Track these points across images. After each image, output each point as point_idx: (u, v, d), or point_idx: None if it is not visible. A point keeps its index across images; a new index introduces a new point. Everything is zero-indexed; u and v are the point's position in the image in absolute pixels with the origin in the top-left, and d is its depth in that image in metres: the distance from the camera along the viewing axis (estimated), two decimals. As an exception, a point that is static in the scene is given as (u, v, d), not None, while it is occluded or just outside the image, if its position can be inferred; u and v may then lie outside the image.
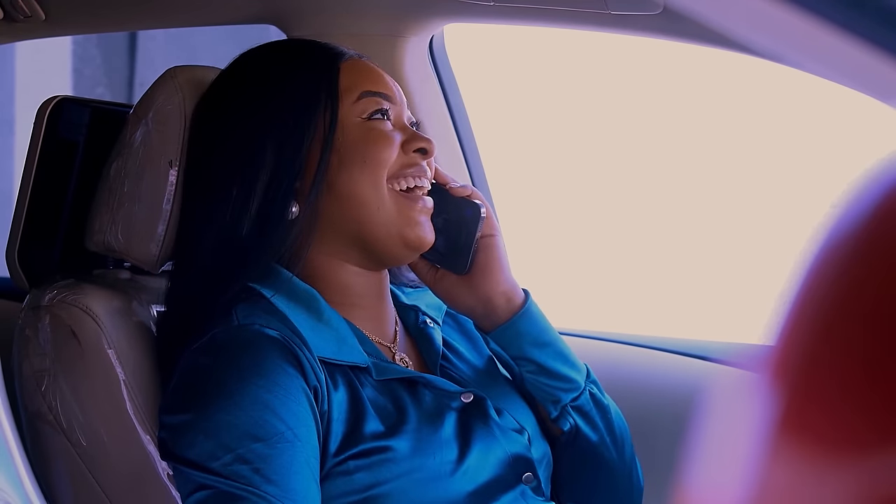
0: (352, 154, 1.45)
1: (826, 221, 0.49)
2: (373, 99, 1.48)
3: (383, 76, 1.53)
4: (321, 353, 1.40)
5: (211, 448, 1.32)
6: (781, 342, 0.48)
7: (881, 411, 0.45)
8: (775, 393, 0.48)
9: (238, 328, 1.38)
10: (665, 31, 1.69)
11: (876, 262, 0.46)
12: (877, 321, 0.46)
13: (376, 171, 1.45)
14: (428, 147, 1.49)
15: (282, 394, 1.34)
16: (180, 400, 1.38)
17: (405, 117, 1.52)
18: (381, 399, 1.42)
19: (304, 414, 1.35)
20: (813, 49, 0.68)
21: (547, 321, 1.55)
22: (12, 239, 1.68)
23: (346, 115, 1.47)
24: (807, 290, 0.48)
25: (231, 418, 1.33)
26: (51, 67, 4.43)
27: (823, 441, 0.46)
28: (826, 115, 3.38)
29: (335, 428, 1.37)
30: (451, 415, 1.45)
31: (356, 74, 1.50)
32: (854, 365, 0.46)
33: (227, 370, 1.35)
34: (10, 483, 1.33)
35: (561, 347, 1.54)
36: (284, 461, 1.32)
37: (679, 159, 3.88)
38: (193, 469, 1.33)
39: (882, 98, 0.67)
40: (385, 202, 1.45)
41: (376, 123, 1.48)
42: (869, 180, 0.48)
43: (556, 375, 1.52)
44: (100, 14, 2.06)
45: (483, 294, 1.51)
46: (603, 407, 1.55)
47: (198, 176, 1.50)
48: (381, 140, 1.46)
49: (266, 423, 1.32)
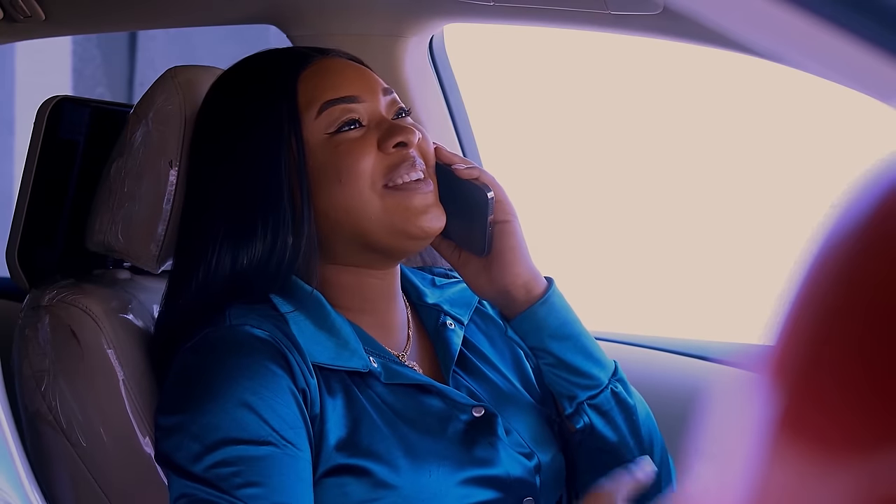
0: (326, 174, 1.41)
1: (826, 221, 0.49)
2: (335, 108, 1.42)
3: (346, 74, 1.45)
4: (316, 358, 1.38)
5: (195, 450, 1.32)
6: (781, 342, 0.48)
7: (881, 411, 0.45)
8: (775, 393, 0.48)
9: (229, 328, 1.37)
10: (665, 31, 1.69)
11: (876, 262, 0.46)
12: (877, 321, 0.46)
13: (356, 184, 1.40)
14: (406, 139, 1.42)
15: (268, 396, 1.32)
16: (170, 401, 1.38)
17: (382, 107, 1.45)
18: (385, 406, 1.40)
19: (293, 417, 1.33)
20: (813, 49, 0.68)
21: (571, 313, 1.49)
22: (12, 239, 1.68)
23: (311, 134, 1.42)
24: (807, 290, 0.48)
25: (216, 420, 1.32)
26: (51, 67, 4.43)
27: (823, 441, 0.46)
28: (826, 115, 3.38)
29: (330, 434, 1.35)
30: (458, 428, 1.42)
31: (314, 85, 1.44)
32: (854, 365, 0.46)
33: (215, 371, 1.34)
34: (10, 483, 1.33)
35: (585, 342, 1.48)
36: (268, 463, 1.30)
37: (679, 159, 3.87)
38: (177, 474, 1.33)
39: (882, 98, 0.67)
40: (374, 208, 1.40)
41: (344, 136, 1.42)
42: (869, 180, 0.48)
43: (575, 371, 1.47)
44: (100, 14, 2.06)
45: (500, 284, 1.46)
46: (627, 407, 1.49)
47: (194, 207, 1.48)
48: (352, 153, 1.41)
49: (250, 425, 1.31)
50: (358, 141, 1.42)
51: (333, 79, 1.45)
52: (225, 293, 1.41)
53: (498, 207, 1.45)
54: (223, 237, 1.42)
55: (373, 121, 1.44)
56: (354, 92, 1.44)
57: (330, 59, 1.47)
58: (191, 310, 1.43)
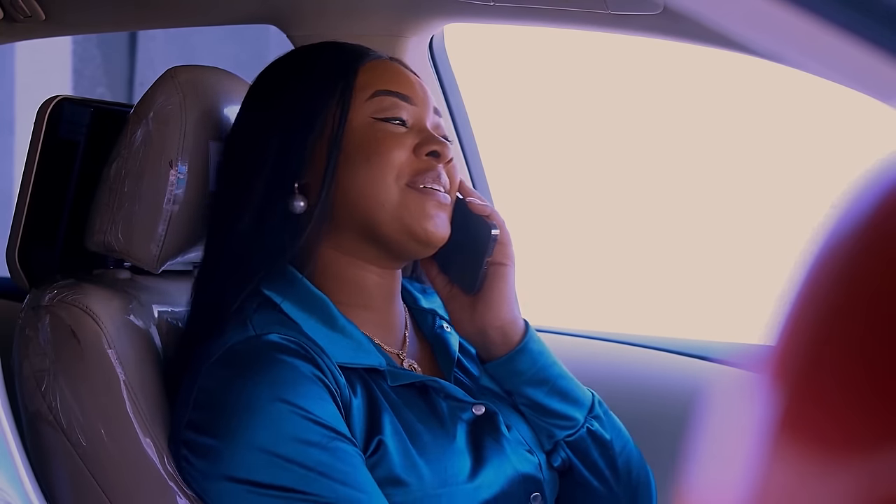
0: (358, 153, 1.44)
1: (826, 221, 0.49)
2: (386, 98, 1.46)
3: (405, 76, 1.50)
4: (338, 358, 1.39)
5: (261, 462, 1.31)
6: (782, 342, 0.48)
7: (881, 411, 0.45)
8: (775, 393, 0.48)
9: (256, 339, 1.37)
10: (665, 31, 1.69)
11: (876, 262, 0.46)
12: (877, 321, 0.46)
13: (382, 170, 1.43)
14: (441, 150, 1.45)
15: (314, 400, 1.33)
16: (208, 418, 1.37)
17: (428, 121, 1.49)
18: (396, 405, 1.41)
19: (338, 416, 1.34)
20: (813, 49, 0.68)
21: (547, 357, 1.51)
22: (12, 239, 1.68)
23: (357, 113, 1.46)
24: (807, 290, 0.48)
25: (275, 431, 1.32)
26: (51, 67, 4.43)
27: (823, 441, 0.46)
28: (826, 115, 3.38)
29: (355, 430, 1.36)
30: (462, 426, 1.43)
31: (374, 73, 1.48)
32: (854, 365, 0.46)
33: (256, 385, 1.34)
34: (10, 483, 1.33)
35: (560, 384, 1.50)
36: (345, 460, 1.32)
37: (679, 159, 3.88)
38: (250, 486, 1.32)
39: (882, 98, 0.67)
40: (391, 199, 1.43)
41: (386, 125, 1.45)
42: (869, 180, 0.48)
43: (551, 413, 1.49)
44: (100, 14, 2.06)
45: (480, 324, 1.48)
46: (604, 444, 1.51)
47: (219, 176, 1.52)
48: (387, 140, 1.44)
49: (311, 429, 1.32)
50: (398, 135, 1.45)
51: (393, 75, 1.50)
52: (253, 265, 1.42)
53: (499, 248, 1.48)
54: (249, 202, 1.45)
55: (416, 126, 1.47)
56: (410, 93, 1.48)
57: (393, 62, 1.52)
58: (210, 307, 1.44)
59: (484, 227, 1.47)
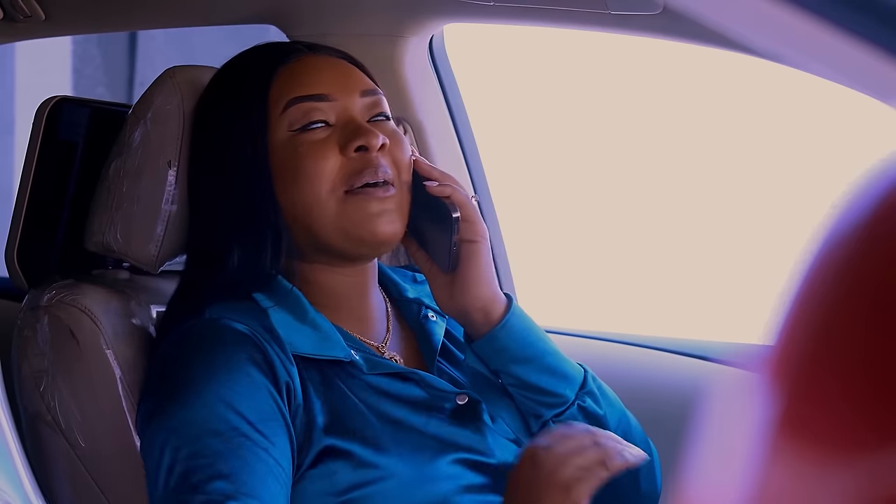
0: (285, 173, 1.41)
1: (826, 221, 0.49)
2: (300, 105, 1.41)
3: (321, 72, 1.44)
4: (298, 349, 1.39)
5: (171, 442, 1.32)
6: (781, 342, 0.48)
7: (881, 411, 0.45)
8: (775, 393, 0.48)
9: (207, 321, 1.38)
10: (665, 31, 1.69)
11: (876, 262, 0.46)
12: (877, 321, 0.46)
13: (313, 186, 1.39)
14: (367, 142, 1.39)
15: (245, 391, 1.33)
16: (148, 390, 1.40)
17: (356, 108, 1.43)
18: (368, 394, 1.40)
19: (271, 411, 1.33)
20: (813, 49, 0.68)
21: (533, 333, 1.46)
22: (11, 239, 1.68)
23: (276, 131, 1.42)
24: (807, 290, 0.48)
25: (191, 413, 1.32)
26: (51, 67, 4.43)
27: (823, 441, 0.46)
28: (826, 115, 3.38)
29: (318, 418, 1.36)
30: (443, 416, 1.42)
31: (286, 81, 1.43)
32: (854, 365, 0.46)
33: (192, 364, 1.35)
34: (10, 483, 1.33)
35: (548, 361, 1.46)
36: (242, 457, 1.30)
37: (679, 159, 3.88)
38: (153, 466, 1.34)
39: (882, 98, 0.67)
40: (329, 212, 1.39)
41: (306, 136, 1.41)
42: (869, 180, 0.48)
43: (539, 390, 1.45)
44: (100, 14, 2.06)
45: (460, 303, 1.44)
46: (597, 419, 1.46)
47: (191, 207, 1.52)
48: (310, 153, 1.40)
49: (225, 419, 1.31)
50: (320, 143, 1.40)
51: (306, 76, 1.43)
52: (212, 291, 1.43)
53: (466, 227, 1.42)
54: (212, 236, 1.46)
55: (340, 121, 1.42)
56: (325, 90, 1.42)
57: (312, 56, 1.46)
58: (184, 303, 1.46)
59: (444, 208, 1.42)
